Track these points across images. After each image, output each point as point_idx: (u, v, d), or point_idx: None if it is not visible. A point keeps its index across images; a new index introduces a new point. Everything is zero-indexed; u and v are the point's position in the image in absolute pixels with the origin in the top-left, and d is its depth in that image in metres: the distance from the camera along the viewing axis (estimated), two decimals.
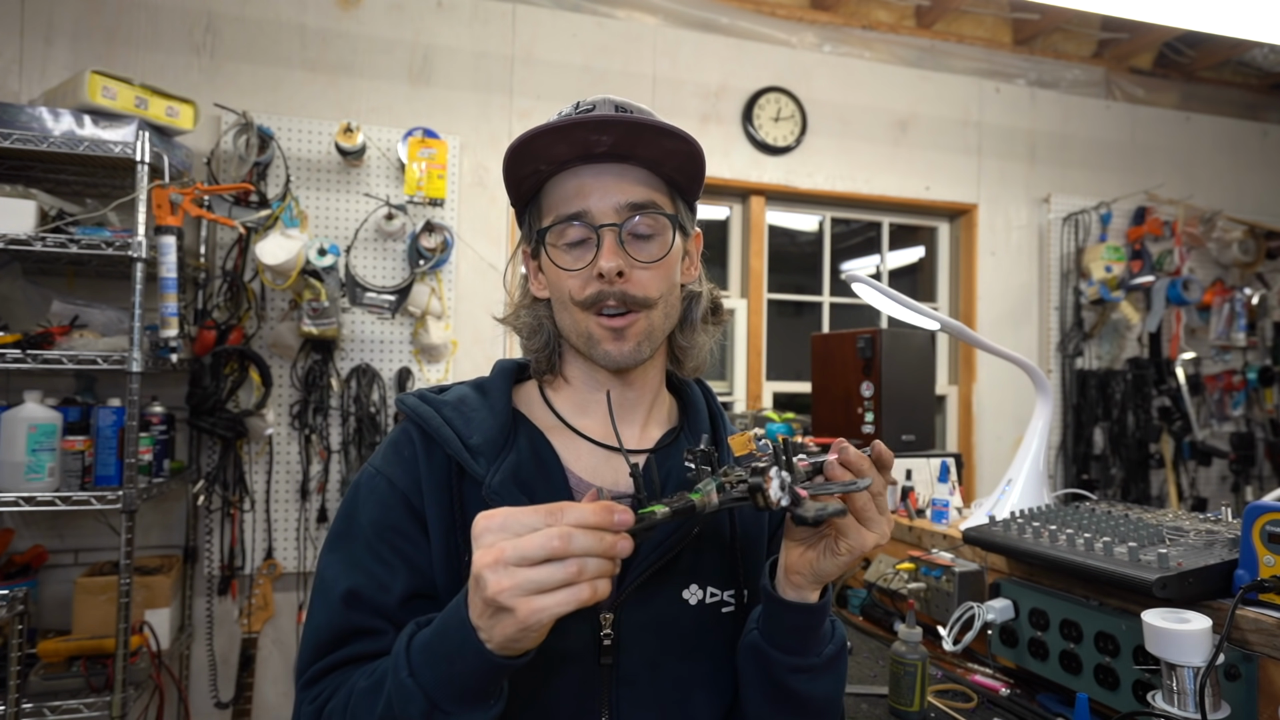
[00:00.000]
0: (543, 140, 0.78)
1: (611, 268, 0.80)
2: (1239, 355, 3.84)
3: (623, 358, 0.83)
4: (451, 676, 0.63)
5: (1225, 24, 2.77)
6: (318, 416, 2.65)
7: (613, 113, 0.81)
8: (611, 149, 0.81)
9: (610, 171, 0.82)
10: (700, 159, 0.84)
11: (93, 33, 2.53)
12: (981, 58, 3.60)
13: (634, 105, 0.84)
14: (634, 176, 0.83)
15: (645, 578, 0.81)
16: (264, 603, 2.56)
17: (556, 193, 0.84)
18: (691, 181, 0.87)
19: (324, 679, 0.77)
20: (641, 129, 0.78)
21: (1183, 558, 1.12)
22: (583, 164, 0.82)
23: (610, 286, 0.81)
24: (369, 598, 0.77)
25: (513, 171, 0.83)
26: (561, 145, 0.80)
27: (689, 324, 0.92)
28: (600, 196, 0.81)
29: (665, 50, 3.16)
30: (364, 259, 2.72)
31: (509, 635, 0.59)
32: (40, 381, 2.30)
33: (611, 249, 0.80)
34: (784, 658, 0.78)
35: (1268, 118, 4.12)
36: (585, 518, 0.59)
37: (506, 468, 0.81)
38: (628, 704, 0.80)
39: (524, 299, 0.94)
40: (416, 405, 0.86)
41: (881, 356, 2.08)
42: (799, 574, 0.76)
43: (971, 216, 3.59)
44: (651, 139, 0.80)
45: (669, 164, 0.84)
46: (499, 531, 0.60)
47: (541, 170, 0.83)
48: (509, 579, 0.57)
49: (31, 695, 1.94)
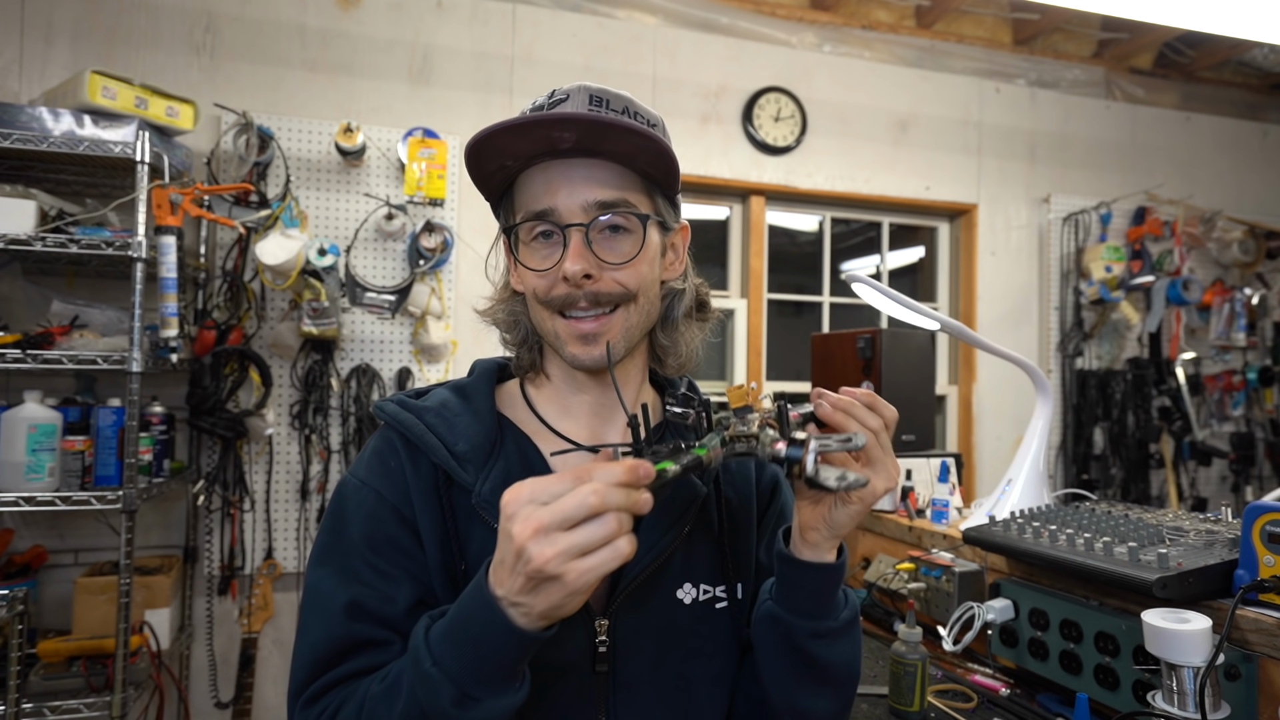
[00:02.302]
0: (503, 137, 0.75)
1: (577, 271, 0.76)
2: (1239, 355, 3.84)
3: (592, 361, 0.81)
4: (479, 659, 0.62)
5: (1225, 24, 2.77)
6: (318, 416, 2.65)
7: (585, 104, 0.78)
8: (577, 144, 0.77)
9: (580, 167, 0.78)
10: (668, 155, 0.79)
11: (93, 33, 2.53)
12: (981, 58, 3.60)
13: (611, 93, 0.80)
14: (604, 172, 0.79)
15: (639, 581, 0.80)
16: (264, 603, 2.56)
17: (526, 188, 0.81)
18: (667, 176, 0.83)
19: (327, 695, 0.74)
20: (604, 126, 0.74)
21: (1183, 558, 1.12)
22: (551, 159, 0.79)
23: (578, 289, 0.78)
24: (373, 609, 0.76)
25: (477, 169, 0.80)
26: (524, 142, 0.76)
27: (670, 322, 0.89)
28: (568, 194, 0.78)
29: (665, 50, 3.16)
30: (364, 259, 2.72)
31: (554, 603, 0.59)
32: (40, 381, 2.30)
33: (578, 251, 0.77)
34: (803, 622, 0.77)
35: (1268, 118, 4.12)
36: (616, 475, 0.58)
37: (497, 475, 0.80)
38: (626, 709, 0.80)
39: (503, 292, 0.91)
40: (397, 413, 0.83)
41: (881, 356, 2.08)
42: (814, 530, 0.75)
43: (971, 216, 3.59)
44: (618, 135, 0.75)
45: (641, 159, 0.79)
46: (529, 503, 0.59)
47: (509, 165, 0.80)
48: (552, 546, 0.57)
49: (31, 695, 1.93)
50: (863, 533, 2.03)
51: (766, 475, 0.95)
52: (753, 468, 0.94)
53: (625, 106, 0.81)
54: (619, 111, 0.80)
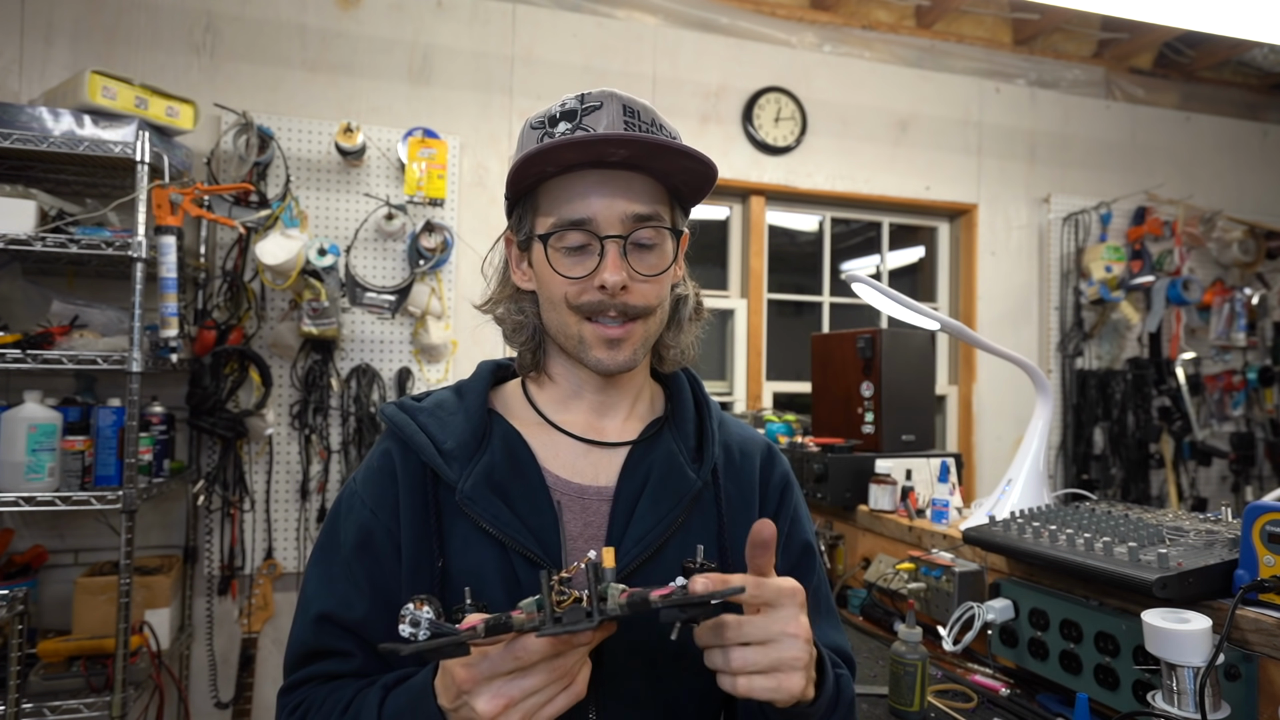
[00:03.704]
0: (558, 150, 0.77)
1: (616, 282, 0.78)
2: (1239, 355, 3.84)
3: (616, 366, 0.83)
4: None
5: (1225, 24, 2.77)
6: (318, 416, 2.65)
7: (619, 115, 0.80)
8: (624, 160, 0.79)
9: (618, 180, 0.80)
10: (713, 179, 0.83)
11: (93, 33, 2.53)
12: (981, 58, 3.60)
13: (639, 104, 0.82)
14: (640, 186, 0.81)
15: (630, 571, 0.80)
16: (264, 603, 2.56)
17: (560, 194, 0.82)
18: (695, 194, 0.86)
19: (298, 689, 0.81)
20: (658, 149, 0.77)
21: (1183, 558, 1.12)
22: (590, 169, 0.80)
23: (612, 299, 0.80)
24: (340, 618, 0.81)
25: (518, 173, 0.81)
26: (573, 153, 0.78)
27: (676, 324, 0.92)
28: (607, 206, 0.80)
29: (665, 50, 3.17)
30: (364, 259, 2.72)
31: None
32: (40, 381, 2.30)
33: (616, 262, 0.79)
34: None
35: (1268, 118, 4.12)
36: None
37: (480, 471, 0.81)
38: (615, 701, 0.80)
39: (504, 289, 0.92)
40: (394, 414, 0.87)
41: (881, 356, 2.08)
42: None
43: (971, 216, 3.59)
44: (670, 157, 0.78)
45: (679, 176, 0.83)
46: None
47: (548, 171, 0.82)
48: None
49: (31, 695, 1.93)
50: (863, 533, 2.03)
51: (776, 472, 0.96)
52: (757, 462, 0.94)
53: (653, 119, 0.83)
54: (648, 124, 0.82)
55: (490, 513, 0.80)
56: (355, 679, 0.79)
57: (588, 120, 0.80)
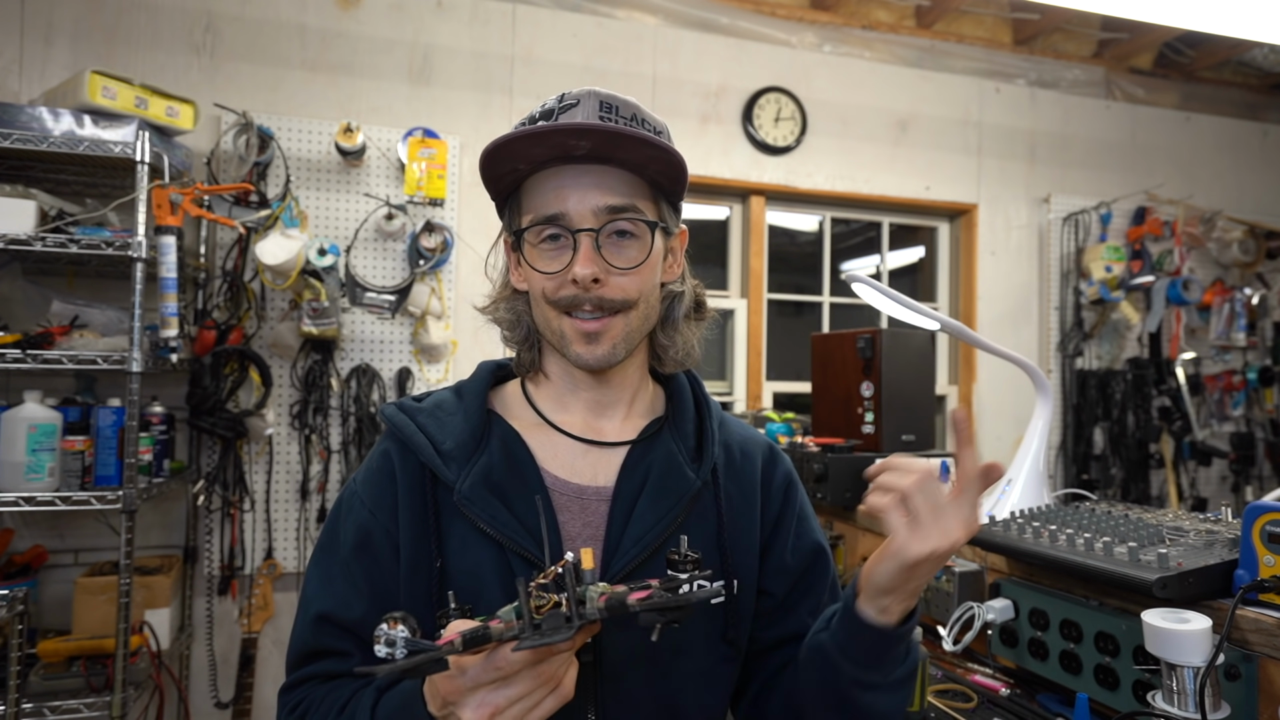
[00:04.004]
0: (520, 144, 0.77)
1: (586, 275, 0.78)
2: (1239, 355, 3.84)
3: (596, 361, 0.83)
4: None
5: (1225, 24, 2.77)
6: (318, 416, 2.65)
7: (595, 110, 0.80)
8: (591, 152, 0.79)
9: (591, 173, 0.80)
10: (680, 166, 0.82)
11: (93, 33, 2.53)
12: (981, 58, 3.60)
13: (620, 99, 0.82)
14: (615, 179, 0.81)
15: (628, 571, 0.80)
16: (264, 603, 2.56)
17: (536, 192, 0.82)
18: (674, 185, 0.85)
19: (298, 688, 0.82)
20: (620, 137, 0.76)
21: (1183, 558, 1.12)
22: (563, 164, 0.81)
23: (585, 292, 0.80)
24: (338, 619, 0.81)
25: (489, 171, 0.82)
26: (539, 148, 0.79)
27: (670, 323, 0.91)
28: (579, 199, 0.80)
29: (665, 50, 3.16)
30: (364, 259, 2.72)
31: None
32: (40, 381, 2.30)
33: (587, 255, 0.79)
34: (854, 671, 0.78)
35: (1268, 118, 4.12)
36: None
37: (477, 471, 0.81)
38: (614, 700, 0.80)
39: (504, 290, 0.93)
40: (394, 415, 0.87)
41: (881, 356, 2.08)
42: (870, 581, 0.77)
43: (971, 216, 3.59)
44: (632, 145, 0.78)
45: (651, 168, 0.82)
46: None
47: (520, 169, 0.82)
48: None
49: (31, 695, 1.93)
50: (863, 533, 2.03)
51: (779, 473, 0.95)
52: (759, 462, 0.94)
53: (634, 114, 0.82)
54: (628, 119, 0.81)
55: (488, 513, 0.80)
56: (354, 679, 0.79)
57: (564, 117, 0.80)
